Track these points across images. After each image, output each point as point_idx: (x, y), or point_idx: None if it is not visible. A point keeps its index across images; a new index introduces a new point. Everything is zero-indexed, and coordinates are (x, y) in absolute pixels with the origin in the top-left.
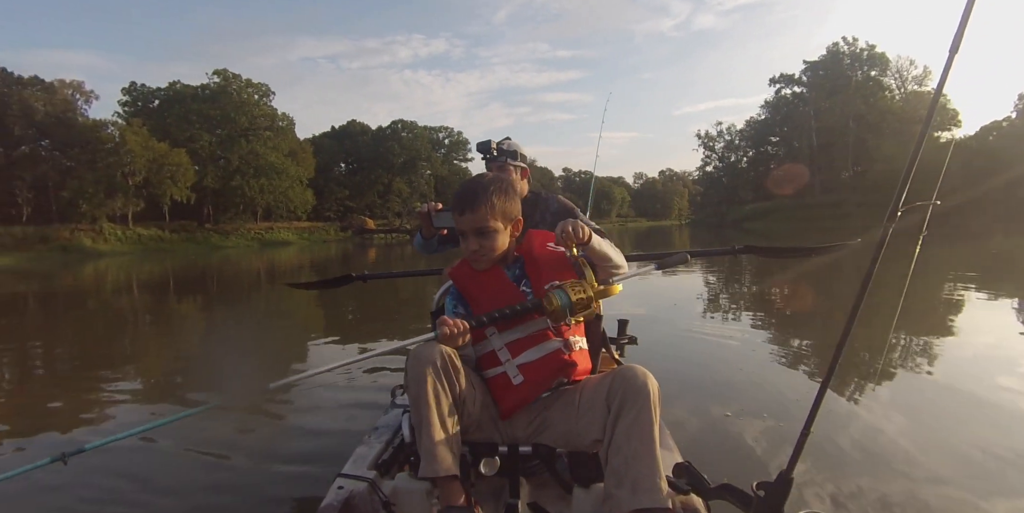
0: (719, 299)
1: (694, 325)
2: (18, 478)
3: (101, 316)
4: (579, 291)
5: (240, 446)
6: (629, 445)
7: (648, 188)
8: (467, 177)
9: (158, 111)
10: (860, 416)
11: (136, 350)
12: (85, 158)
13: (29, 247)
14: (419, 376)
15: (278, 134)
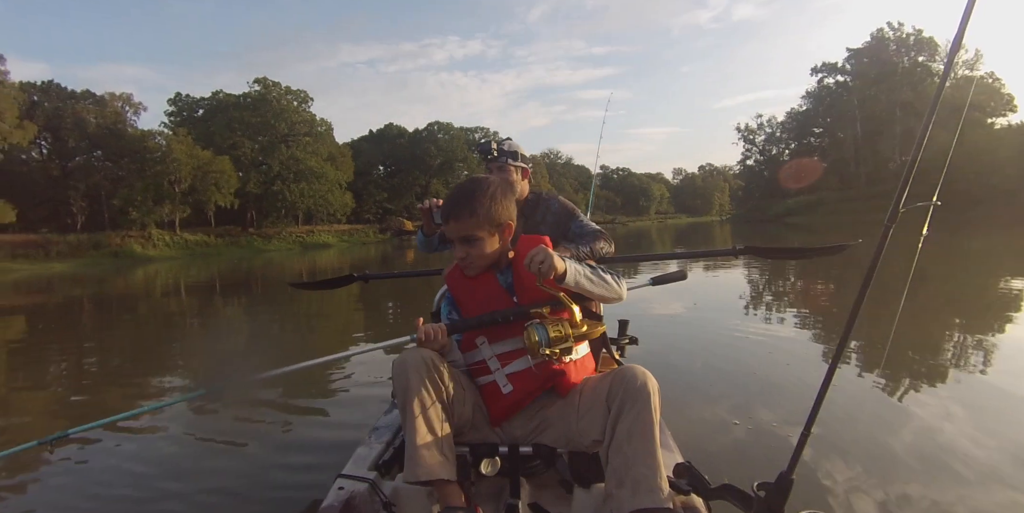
0: (741, 298)
1: (707, 325)
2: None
3: (151, 318)
4: (558, 329)
5: (240, 447)
6: (630, 445)
7: (688, 184)
8: None
9: (202, 120)
10: (881, 415)
11: (182, 348)
12: (134, 167)
13: (83, 253)
14: (404, 382)
15: (317, 139)
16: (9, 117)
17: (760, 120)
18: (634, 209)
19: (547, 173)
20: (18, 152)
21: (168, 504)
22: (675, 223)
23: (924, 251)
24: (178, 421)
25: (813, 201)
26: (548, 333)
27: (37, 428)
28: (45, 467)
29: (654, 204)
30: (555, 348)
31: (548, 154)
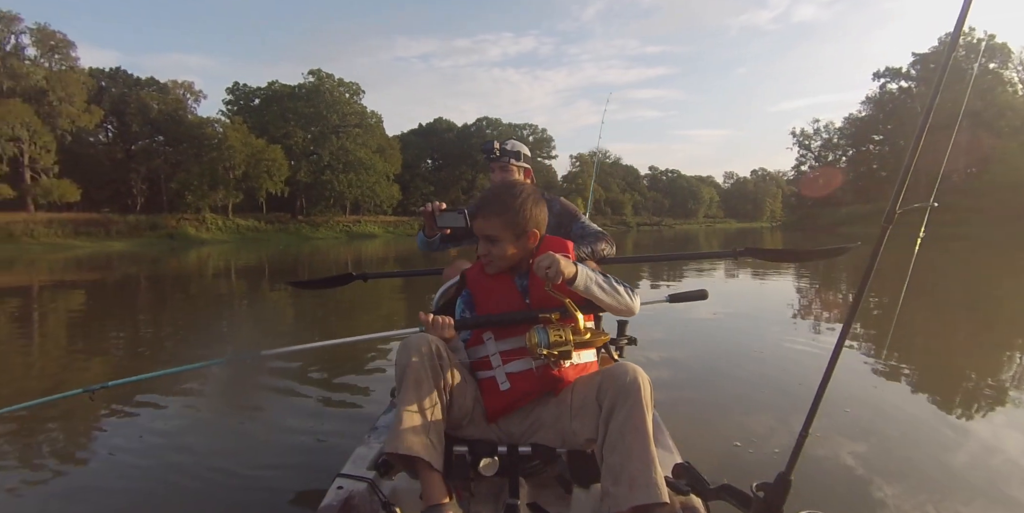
0: (761, 300)
1: (707, 325)
2: None
3: (202, 297)
4: (559, 334)
5: (239, 446)
6: (623, 442)
7: (739, 188)
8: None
9: (258, 109)
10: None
11: (229, 326)
12: (192, 153)
13: (140, 234)
14: (405, 360)
15: (367, 131)
16: (78, 101)
17: (817, 125)
18: (682, 211)
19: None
20: (86, 135)
21: (168, 501)
22: (723, 228)
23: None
24: (178, 421)
25: (870, 210)
26: (548, 336)
27: (134, 389)
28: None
29: (703, 207)
30: (553, 350)
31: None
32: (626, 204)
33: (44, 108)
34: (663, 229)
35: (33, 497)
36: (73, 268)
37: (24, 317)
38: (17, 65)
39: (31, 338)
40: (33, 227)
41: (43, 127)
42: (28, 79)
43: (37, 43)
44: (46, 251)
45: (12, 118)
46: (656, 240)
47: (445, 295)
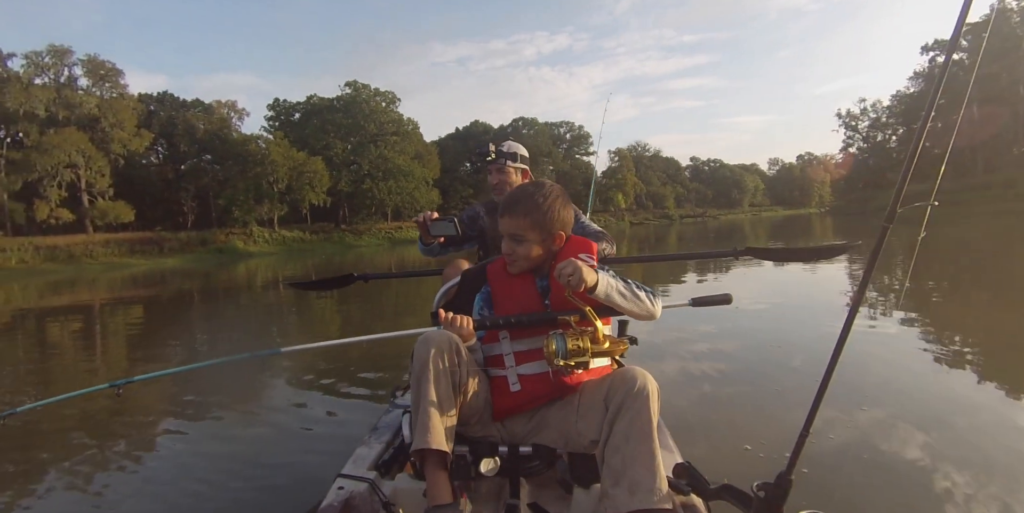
0: (777, 293)
1: (709, 324)
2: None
3: (252, 308)
4: (577, 342)
5: (240, 446)
6: (628, 445)
7: (784, 174)
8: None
9: (298, 123)
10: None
11: (279, 334)
12: (237, 169)
13: (192, 250)
14: (423, 356)
15: (404, 138)
16: (128, 126)
17: (863, 105)
18: (726, 202)
19: (633, 166)
20: (138, 157)
21: (168, 500)
22: (770, 216)
23: None
24: (182, 422)
25: (924, 190)
26: (567, 344)
27: (148, 393)
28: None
29: (747, 196)
30: (570, 360)
31: (635, 147)
32: (668, 197)
33: (98, 134)
34: (707, 220)
35: (31, 494)
36: (130, 285)
37: (88, 332)
38: (71, 95)
39: (94, 351)
40: (92, 248)
41: (97, 152)
42: (82, 108)
43: (88, 73)
44: (104, 270)
45: (69, 146)
46: (700, 232)
47: (446, 295)
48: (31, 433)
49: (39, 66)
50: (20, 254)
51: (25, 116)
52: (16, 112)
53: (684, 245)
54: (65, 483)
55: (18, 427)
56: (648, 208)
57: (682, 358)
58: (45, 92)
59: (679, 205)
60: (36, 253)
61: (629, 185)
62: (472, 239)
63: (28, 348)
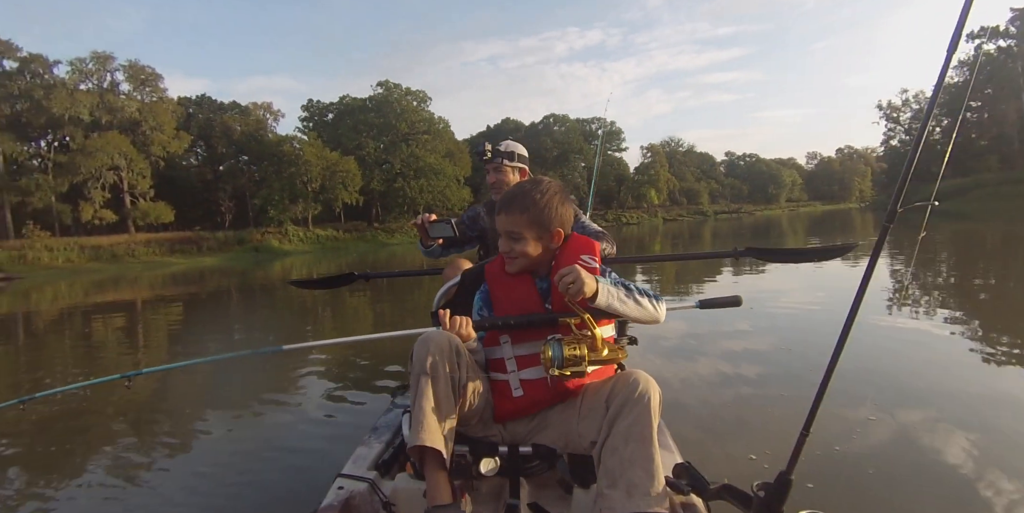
0: (802, 296)
1: (711, 324)
2: None
3: (286, 306)
4: (574, 349)
5: (240, 446)
6: (626, 447)
7: (823, 168)
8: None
9: (332, 123)
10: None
11: (313, 331)
12: (272, 169)
13: (229, 249)
14: (422, 355)
15: (435, 137)
16: (168, 129)
17: (905, 96)
18: (762, 197)
19: (666, 162)
20: (178, 159)
21: (167, 500)
22: (808, 211)
23: None
24: (179, 420)
25: (968, 184)
26: (563, 352)
27: (151, 389)
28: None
29: (785, 191)
30: (566, 370)
31: (668, 142)
32: (702, 193)
33: (139, 137)
34: (742, 216)
35: (29, 490)
36: (170, 284)
37: (131, 328)
38: (113, 100)
39: (136, 345)
40: (134, 247)
41: (138, 155)
42: (123, 112)
43: (130, 78)
44: (146, 269)
45: (111, 149)
46: (735, 228)
47: (447, 295)
48: (41, 421)
49: (83, 72)
50: (67, 254)
51: (70, 120)
52: (62, 117)
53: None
54: (55, 481)
55: (33, 412)
56: (682, 204)
57: (684, 357)
58: (89, 97)
59: (713, 201)
60: (81, 253)
61: (662, 181)
62: (473, 240)
63: (74, 342)
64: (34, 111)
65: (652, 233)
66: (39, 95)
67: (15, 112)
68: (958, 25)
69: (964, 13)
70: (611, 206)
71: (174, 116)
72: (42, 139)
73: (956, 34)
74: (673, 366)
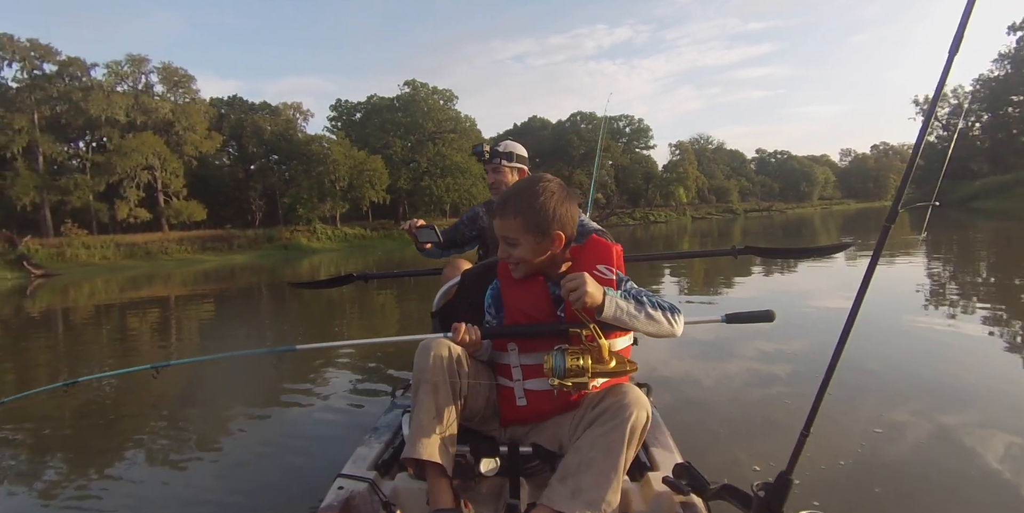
0: (822, 297)
1: (742, 326)
2: None
3: (315, 303)
4: (577, 358)
5: (240, 446)
6: (589, 451)
7: (857, 165)
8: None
9: (359, 123)
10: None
11: (340, 327)
12: (301, 168)
13: (259, 246)
14: (423, 365)
15: (461, 135)
16: (200, 129)
17: None
18: (794, 195)
19: (695, 159)
20: (211, 159)
21: (168, 500)
22: (841, 210)
23: None
24: (178, 419)
25: (1008, 182)
26: (566, 363)
27: (154, 386)
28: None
29: (817, 189)
30: (566, 381)
31: (697, 139)
32: (732, 191)
33: (172, 138)
34: (773, 215)
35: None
36: (202, 280)
37: (165, 322)
38: (147, 101)
39: (169, 338)
40: (167, 245)
41: (172, 155)
42: (157, 113)
43: (163, 80)
44: (178, 266)
45: (145, 149)
46: (765, 227)
47: (446, 295)
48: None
49: (119, 74)
50: (103, 251)
51: (107, 121)
52: (99, 118)
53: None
54: (50, 478)
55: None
56: (711, 202)
57: (686, 356)
58: (124, 99)
59: (744, 199)
60: (117, 250)
61: (691, 179)
62: (473, 240)
63: (111, 336)
64: (73, 113)
65: (680, 231)
66: (77, 97)
67: (55, 114)
68: (960, 25)
69: (966, 13)
70: (639, 204)
71: (206, 117)
72: (80, 140)
73: (958, 34)
74: (674, 365)
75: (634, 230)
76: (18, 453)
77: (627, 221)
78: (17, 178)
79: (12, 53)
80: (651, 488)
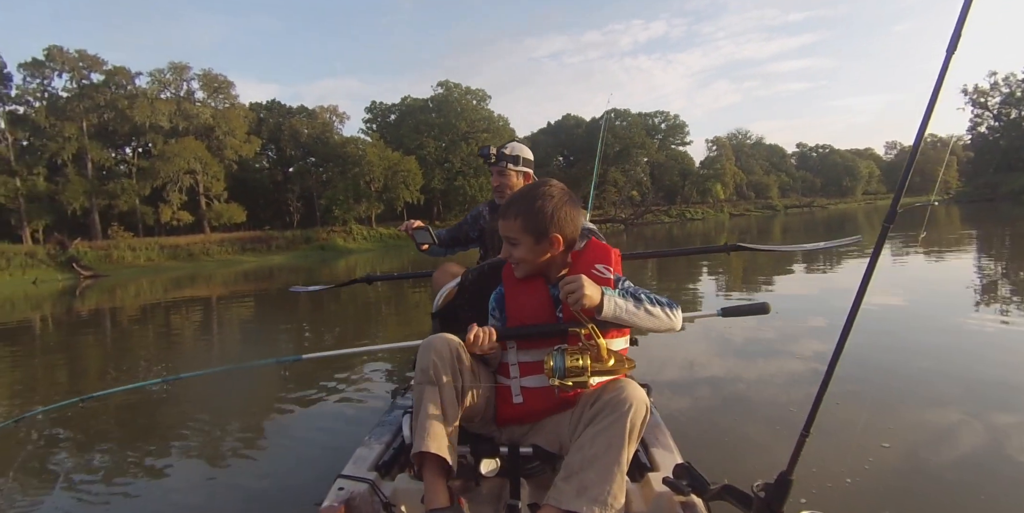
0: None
1: (746, 326)
2: None
3: (351, 303)
4: (576, 359)
5: (240, 447)
6: (591, 448)
7: (904, 159)
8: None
9: (394, 124)
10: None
11: (377, 329)
12: (337, 170)
13: (296, 247)
14: (424, 363)
15: (494, 135)
16: (239, 133)
17: (994, 78)
18: (836, 190)
19: (732, 155)
20: (251, 162)
21: (167, 501)
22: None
23: None
24: (183, 423)
25: None
26: (566, 362)
27: (197, 393)
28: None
29: (861, 184)
30: (567, 381)
31: (735, 134)
32: (771, 186)
33: (213, 142)
34: (815, 210)
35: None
36: (242, 280)
37: (207, 321)
38: (189, 107)
39: (212, 334)
40: (209, 246)
41: (212, 159)
42: (198, 118)
43: (204, 87)
44: (219, 266)
45: (188, 153)
46: (807, 223)
47: (446, 296)
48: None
49: (162, 82)
50: (147, 253)
51: (151, 128)
52: (144, 124)
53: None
54: (43, 482)
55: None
56: (749, 199)
57: (687, 357)
58: (167, 105)
59: (784, 195)
60: (161, 252)
61: (728, 175)
62: (475, 241)
63: (157, 334)
64: (119, 120)
65: (717, 228)
66: (123, 105)
67: (102, 121)
68: (957, 25)
69: (963, 13)
70: (675, 201)
71: (245, 121)
72: (127, 146)
73: (956, 33)
74: (675, 366)
75: (670, 228)
76: (31, 456)
77: (663, 219)
78: (68, 184)
79: (62, 64)
80: (651, 488)
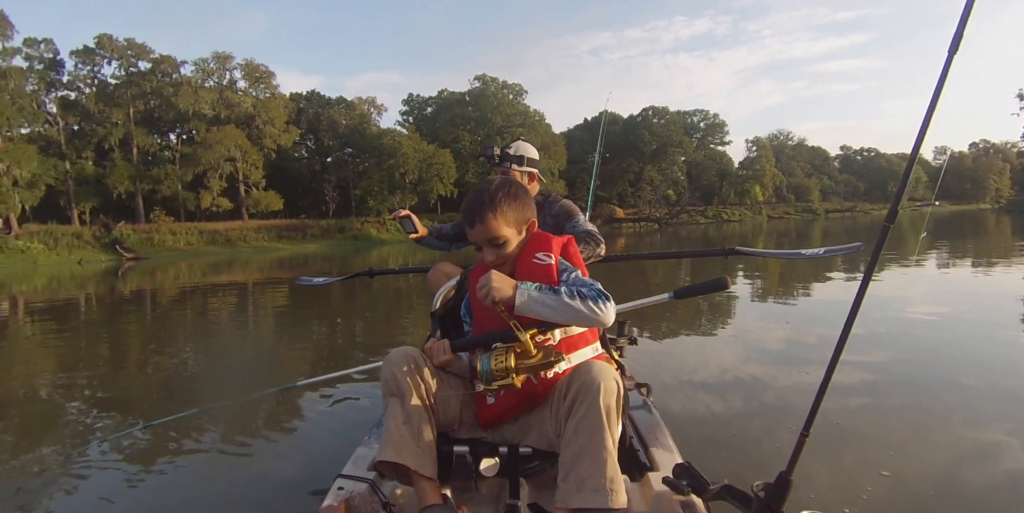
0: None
1: (714, 325)
2: None
3: (382, 294)
4: (500, 360)
5: (240, 448)
6: (577, 441)
7: (954, 164)
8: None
9: (430, 117)
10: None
11: (410, 322)
12: (373, 161)
13: (331, 236)
14: (387, 375)
15: (530, 130)
16: (279, 123)
17: None
18: (880, 195)
19: (772, 156)
20: (291, 151)
21: (168, 501)
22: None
23: None
24: (184, 422)
25: None
26: (491, 366)
27: (199, 393)
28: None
29: (907, 189)
30: (491, 385)
31: (776, 135)
32: (812, 189)
33: (253, 131)
34: (856, 216)
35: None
36: (277, 267)
37: (242, 306)
38: (231, 96)
39: (246, 318)
40: (246, 233)
41: (252, 147)
42: (239, 107)
43: (246, 76)
44: (255, 253)
45: (228, 142)
46: (848, 228)
47: (445, 295)
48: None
49: (206, 71)
50: (187, 237)
51: (194, 115)
52: (187, 112)
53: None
54: (43, 481)
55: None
56: (789, 201)
57: (687, 358)
58: (210, 94)
59: (825, 198)
60: (200, 237)
61: (768, 176)
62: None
63: (194, 318)
64: (164, 107)
65: (755, 231)
66: (168, 92)
67: (148, 108)
68: (959, 25)
69: (966, 13)
70: (712, 202)
71: (285, 111)
72: (171, 132)
73: (958, 33)
74: (674, 366)
75: (705, 228)
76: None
77: (698, 220)
78: (114, 168)
79: (111, 52)
80: (651, 488)
